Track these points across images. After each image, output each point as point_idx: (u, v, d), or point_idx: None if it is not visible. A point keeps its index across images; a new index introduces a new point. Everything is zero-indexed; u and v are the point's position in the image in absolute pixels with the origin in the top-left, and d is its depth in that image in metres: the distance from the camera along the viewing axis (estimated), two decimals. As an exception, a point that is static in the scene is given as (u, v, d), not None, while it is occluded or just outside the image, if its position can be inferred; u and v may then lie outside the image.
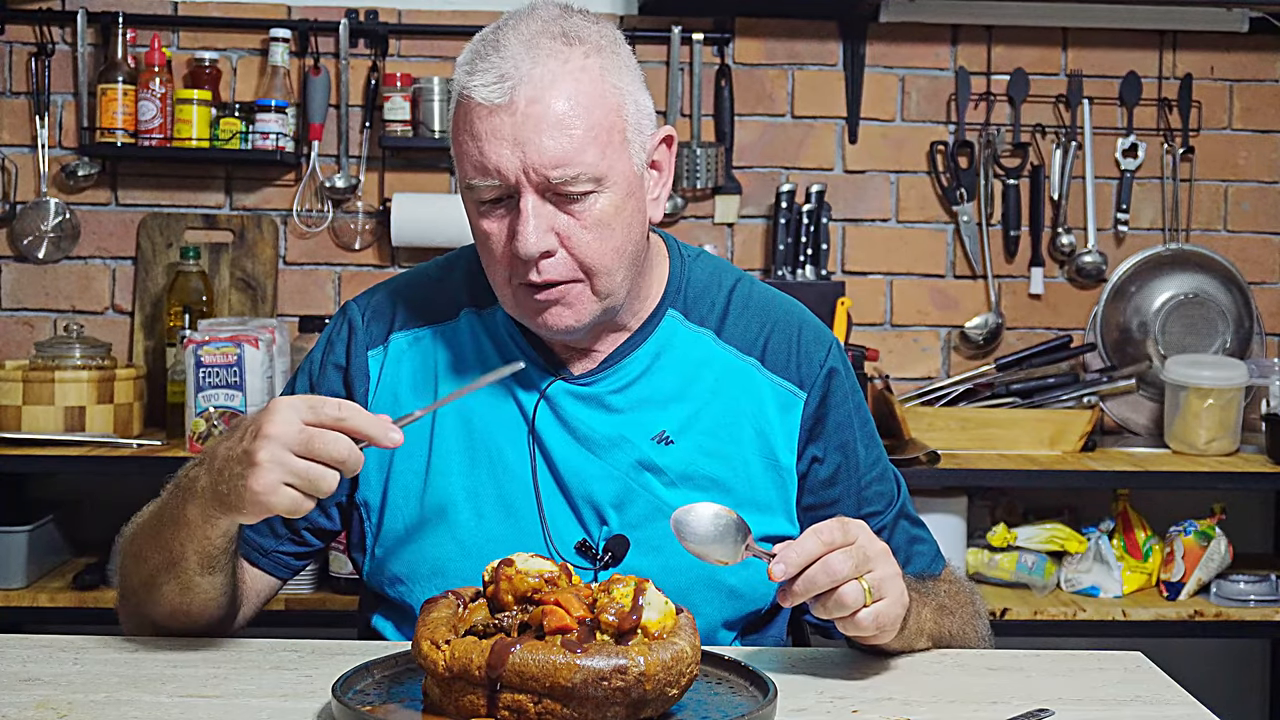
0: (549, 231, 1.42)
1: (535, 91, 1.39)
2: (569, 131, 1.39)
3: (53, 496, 3.02)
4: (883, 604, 1.33)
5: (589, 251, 1.43)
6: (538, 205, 1.41)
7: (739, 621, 1.55)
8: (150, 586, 1.45)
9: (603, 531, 1.50)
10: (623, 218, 1.45)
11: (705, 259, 1.63)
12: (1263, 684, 3.33)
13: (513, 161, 1.39)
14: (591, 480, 1.50)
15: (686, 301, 1.58)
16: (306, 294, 3.20)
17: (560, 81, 1.40)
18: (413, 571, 1.53)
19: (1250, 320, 3.24)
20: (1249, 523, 3.24)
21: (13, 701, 1.27)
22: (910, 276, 3.27)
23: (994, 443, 2.98)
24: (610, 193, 1.43)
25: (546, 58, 1.40)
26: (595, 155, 1.41)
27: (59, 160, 3.17)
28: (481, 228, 1.45)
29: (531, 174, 1.40)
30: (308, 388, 1.59)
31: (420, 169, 3.20)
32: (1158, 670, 1.45)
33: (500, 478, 1.51)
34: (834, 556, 1.29)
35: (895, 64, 3.26)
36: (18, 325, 3.19)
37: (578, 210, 1.42)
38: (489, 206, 1.44)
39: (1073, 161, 3.26)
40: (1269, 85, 3.30)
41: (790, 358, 1.57)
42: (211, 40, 3.18)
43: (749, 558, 1.34)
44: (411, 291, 1.61)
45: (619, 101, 1.44)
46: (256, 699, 1.30)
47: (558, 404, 1.52)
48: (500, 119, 1.39)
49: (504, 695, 1.16)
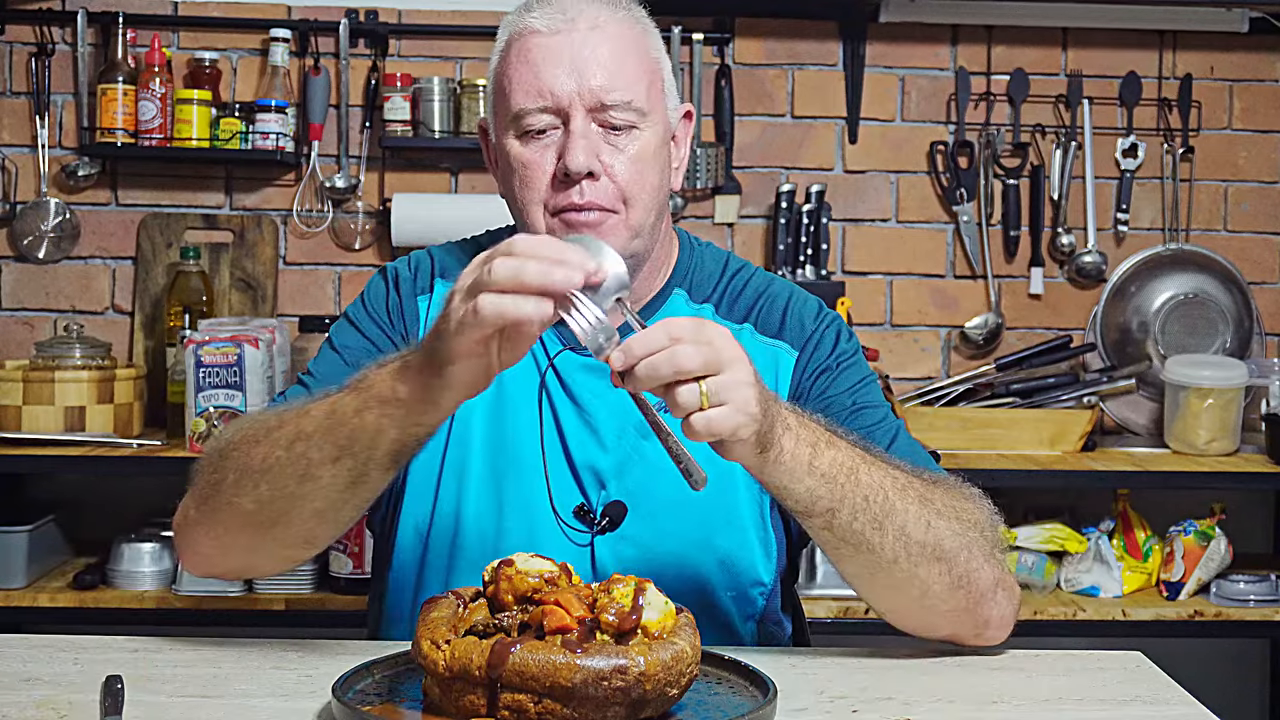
0: (595, 155, 1.49)
1: (593, 22, 1.50)
2: (623, 62, 1.49)
3: (53, 496, 3.03)
4: (719, 410, 1.25)
5: (630, 181, 1.50)
6: (586, 127, 1.48)
7: (734, 589, 1.55)
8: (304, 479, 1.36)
9: (601, 496, 1.53)
10: (658, 161, 1.53)
11: (713, 249, 1.69)
12: (1263, 684, 3.33)
13: (568, 84, 1.48)
14: (592, 447, 1.54)
15: (692, 283, 1.63)
16: (306, 294, 3.20)
17: (616, 23, 1.51)
18: (421, 524, 1.55)
19: (1250, 320, 3.24)
20: (1249, 523, 3.24)
21: (13, 701, 1.27)
22: (910, 276, 3.27)
23: (994, 443, 2.98)
24: (650, 131, 1.51)
25: (601, 5, 1.52)
26: (643, 90, 1.50)
27: (59, 160, 3.17)
28: (522, 157, 1.51)
29: (586, 94, 1.48)
30: (349, 329, 1.60)
31: (420, 169, 3.20)
32: (1158, 670, 1.45)
33: (515, 438, 1.55)
34: (681, 348, 1.23)
35: (895, 64, 3.26)
36: (18, 325, 3.19)
37: (621, 142, 1.50)
38: (532, 136, 1.50)
39: (1073, 161, 3.26)
40: (1269, 85, 3.30)
41: (781, 321, 1.61)
42: (211, 40, 3.18)
43: (621, 323, 1.26)
44: (446, 253, 1.66)
45: (659, 60, 1.56)
46: (256, 699, 1.30)
47: (565, 373, 1.56)
48: (558, 42, 1.48)
49: (504, 695, 1.16)
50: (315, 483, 1.36)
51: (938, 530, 1.40)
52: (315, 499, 1.37)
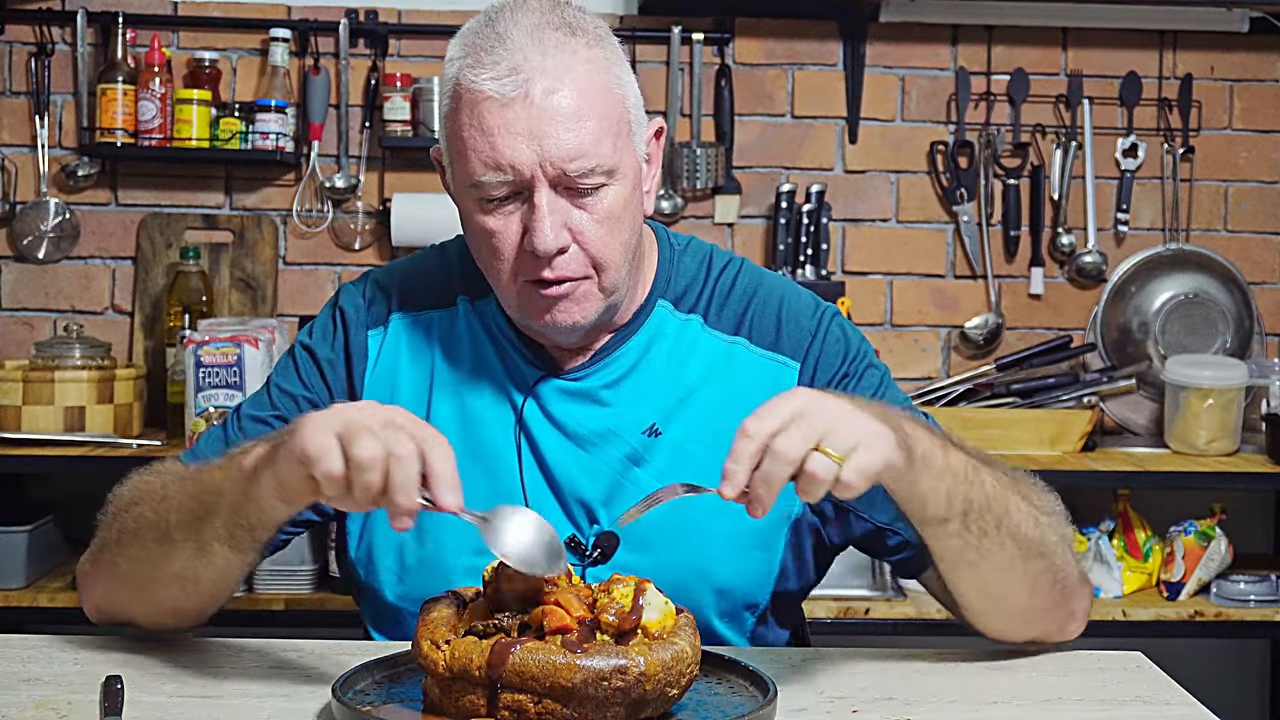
0: (563, 227, 1.39)
1: (550, 83, 1.36)
2: (584, 123, 1.37)
3: (53, 496, 3.02)
4: (860, 455, 1.19)
5: (601, 246, 1.41)
6: (553, 200, 1.38)
7: (732, 615, 1.52)
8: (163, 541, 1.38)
9: (592, 529, 1.48)
10: (630, 210, 1.43)
11: (694, 247, 1.60)
12: (1263, 684, 3.33)
13: (528, 155, 1.36)
14: (580, 477, 1.49)
15: (675, 291, 1.55)
16: (306, 294, 3.20)
17: (572, 73, 1.37)
18: (397, 563, 1.50)
19: (1250, 320, 3.24)
20: (1249, 523, 3.23)
21: (13, 701, 1.27)
22: (910, 276, 3.27)
23: (994, 443, 2.97)
24: (620, 185, 1.41)
25: (555, 49, 1.37)
26: (609, 147, 1.39)
27: (59, 160, 3.17)
28: (485, 226, 1.42)
29: (548, 167, 1.37)
30: (291, 369, 1.56)
31: (420, 169, 3.20)
32: (1158, 670, 1.45)
33: (491, 473, 1.49)
34: (777, 442, 1.17)
35: (895, 64, 3.26)
36: (18, 325, 3.19)
37: (590, 204, 1.40)
38: (495, 204, 1.40)
39: (1073, 161, 3.26)
40: (1269, 85, 3.30)
41: (776, 331, 1.54)
42: (211, 40, 3.18)
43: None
44: (410, 277, 1.59)
45: (623, 93, 1.43)
46: (256, 699, 1.30)
47: (546, 401, 1.50)
48: (514, 111, 1.36)
49: (504, 695, 1.16)
50: (170, 545, 1.37)
51: (1043, 527, 1.39)
52: (172, 563, 1.38)
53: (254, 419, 1.54)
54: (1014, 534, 1.36)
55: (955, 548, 1.35)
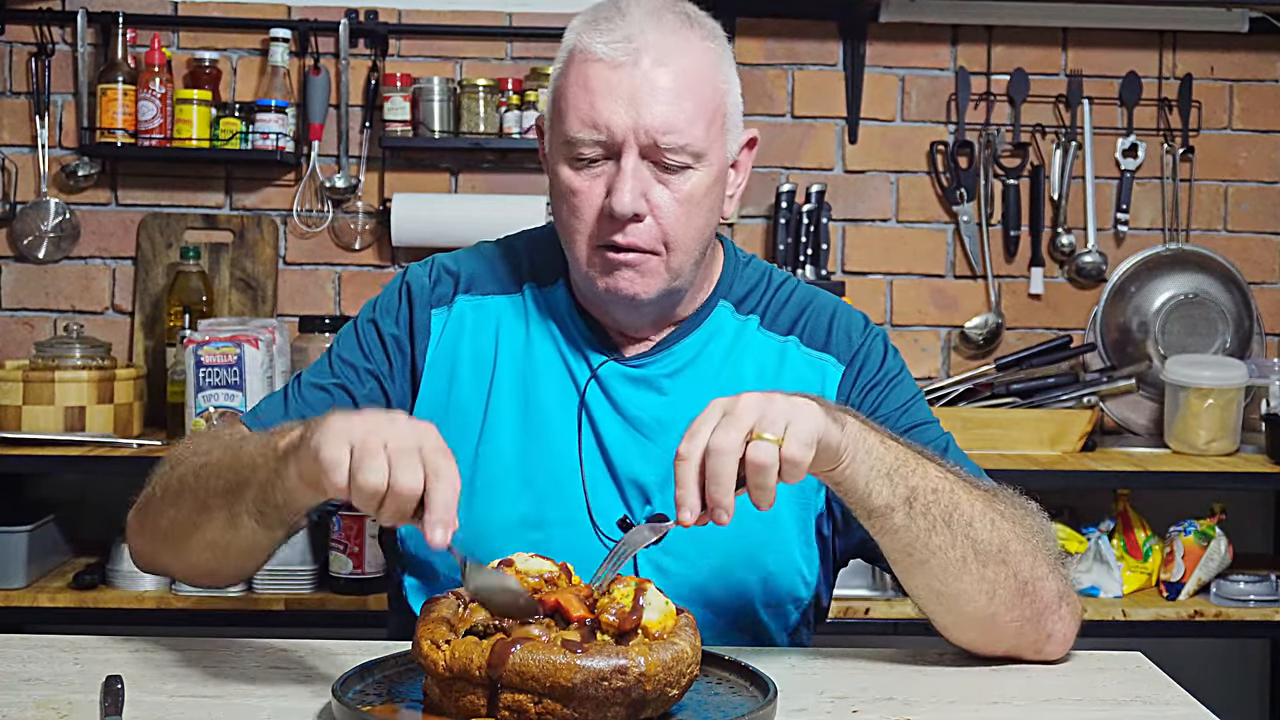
0: (643, 196, 1.45)
1: (659, 56, 1.43)
2: (683, 102, 1.44)
3: (53, 496, 3.03)
4: (794, 427, 1.22)
5: (675, 224, 1.47)
6: (638, 167, 1.45)
7: (776, 606, 1.54)
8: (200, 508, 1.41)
9: (645, 511, 1.51)
10: (709, 201, 1.49)
11: (756, 263, 1.66)
12: (1263, 684, 3.33)
13: (625, 119, 1.43)
14: (637, 461, 1.52)
15: (737, 295, 1.61)
16: (306, 294, 3.21)
17: (682, 54, 1.45)
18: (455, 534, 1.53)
19: (1250, 320, 3.24)
20: (1249, 523, 3.24)
21: (13, 701, 1.27)
22: (910, 276, 3.27)
23: (994, 443, 2.98)
24: (704, 172, 1.47)
25: (671, 30, 1.45)
26: (701, 131, 1.45)
27: (59, 160, 3.17)
28: (571, 185, 1.47)
29: (641, 134, 1.43)
30: (354, 340, 1.59)
31: (420, 169, 3.20)
32: (1158, 670, 1.45)
33: (549, 450, 1.53)
34: (714, 440, 1.21)
35: (895, 64, 3.26)
36: (18, 325, 3.19)
37: (673, 182, 1.46)
38: (584, 164, 1.46)
39: (1073, 161, 3.26)
40: (1269, 85, 3.30)
41: (826, 335, 1.59)
42: (211, 40, 3.18)
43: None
44: (476, 263, 1.63)
45: (725, 89, 1.50)
46: (256, 699, 1.30)
47: (609, 384, 1.54)
48: (620, 75, 1.43)
49: (504, 695, 1.16)
50: (206, 513, 1.39)
51: (1003, 531, 1.38)
52: (205, 530, 1.41)
53: (315, 386, 1.57)
54: (967, 533, 1.35)
55: (904, 542, 1.35)
